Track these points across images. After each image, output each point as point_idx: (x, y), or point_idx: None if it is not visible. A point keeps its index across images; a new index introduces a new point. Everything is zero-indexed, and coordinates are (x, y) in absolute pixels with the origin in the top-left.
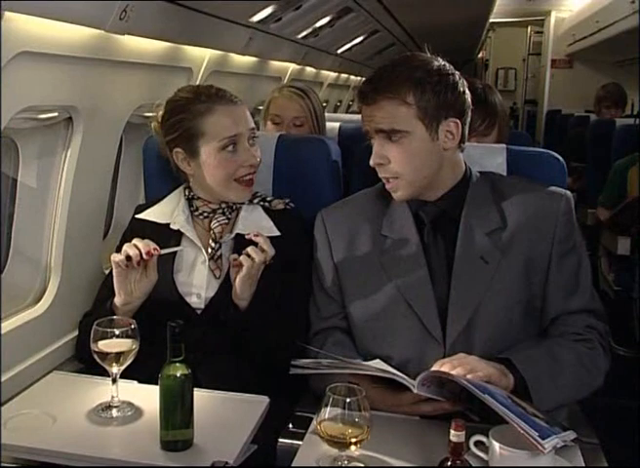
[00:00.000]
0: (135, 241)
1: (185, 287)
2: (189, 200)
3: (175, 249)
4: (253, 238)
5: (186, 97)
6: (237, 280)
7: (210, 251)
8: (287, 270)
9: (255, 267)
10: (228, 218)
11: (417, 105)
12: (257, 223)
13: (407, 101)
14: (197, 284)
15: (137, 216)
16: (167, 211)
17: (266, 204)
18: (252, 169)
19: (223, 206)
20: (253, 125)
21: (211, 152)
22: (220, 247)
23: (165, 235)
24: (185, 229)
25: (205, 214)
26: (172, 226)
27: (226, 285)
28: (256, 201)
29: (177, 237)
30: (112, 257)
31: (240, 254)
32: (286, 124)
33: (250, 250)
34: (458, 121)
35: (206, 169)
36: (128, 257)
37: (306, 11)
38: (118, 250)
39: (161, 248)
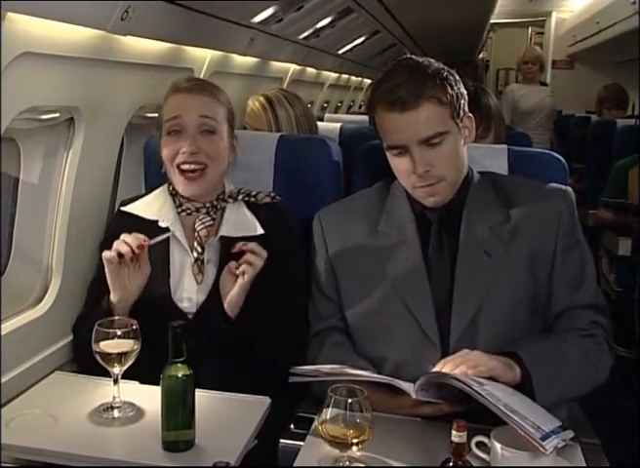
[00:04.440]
0: (123, 236)
1: (177, 291)
2: (173, 196)
3: (163, 236)
4: (243, 248)
5: (171, 84)
6: (237, 288)
7: (195, 254)
8: (274, 267)
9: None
10: (213, 218)
11: (449, 103)
12: (241, 223)
13: (443, 101)
14: (187, 287)
15: (122, 209)
16: (154, 207)
17: (252, 199)
18: (189, 157)
19: (207, 205)
20: (204, 113)
21: (163, 135)
22: (203, 251)
23: (152, 232)
24: (174, 228)
25: (188, 212)
26: (160, 224)
27: (216, 292)
28: (240, 197)
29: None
30: (103, 255)
31: (228, 258)
32: None
33: (249, 257)
34: (471, 115)
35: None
36: (120, 254)
37: (308, 12)
38: (102, 245)
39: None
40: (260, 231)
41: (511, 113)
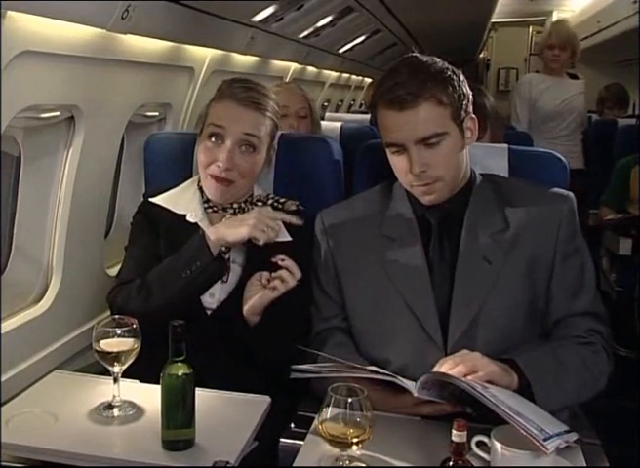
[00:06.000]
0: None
1: None
2: (201, 190)
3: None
4: (280, 263)
5: (222, 84)
6: (262, 299)
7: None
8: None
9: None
10: None
11: (449, 104)
12: None
13: (443, 102)
14: None
15: (151, 200)
16: (182, 200)
17: (279, 205)
18: (222, 172)
19: (235, 206)
20: (249, 131)
21: (202, 136)
22: (229, 250)
23: (179, 226)
24: (203, 224)
25: (215, 209)
26: (189, 218)
27: (237, 293)
28: (269, 202)
29: (191, 230)
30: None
31: (253, 260)
32: (292, 115)
33: (284, 274)
34: (474, 116)
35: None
36: None
37: (308, 10)
38: (131, 237)
39: (175, 239)
40: (288, 238)
41: (529, 114)
